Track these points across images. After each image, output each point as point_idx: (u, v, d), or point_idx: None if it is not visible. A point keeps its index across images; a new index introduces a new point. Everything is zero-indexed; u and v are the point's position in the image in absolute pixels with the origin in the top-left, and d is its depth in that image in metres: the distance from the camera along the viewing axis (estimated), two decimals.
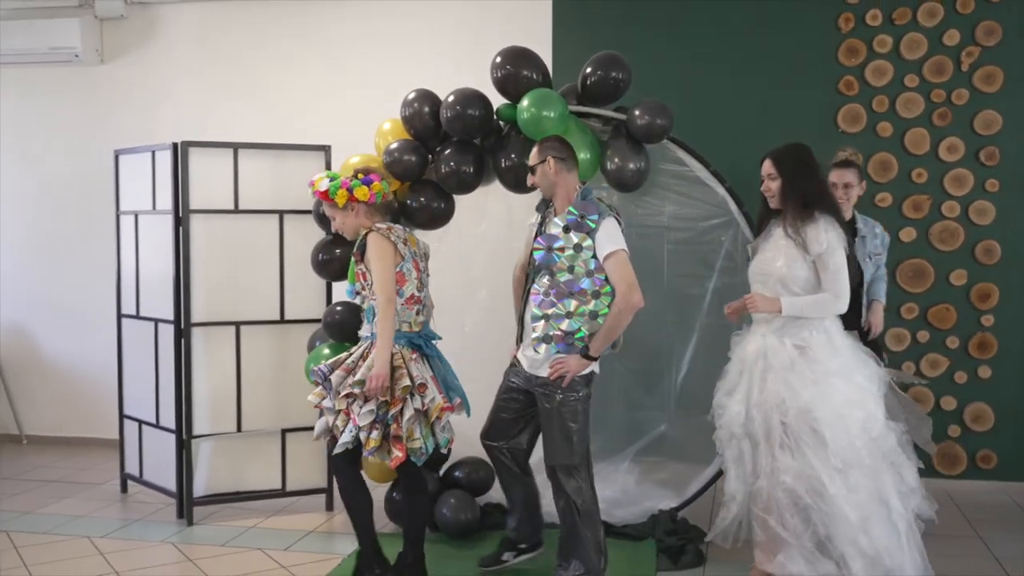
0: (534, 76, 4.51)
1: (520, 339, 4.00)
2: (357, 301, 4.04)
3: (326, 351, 4.49)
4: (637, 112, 4.41)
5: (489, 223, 5.14)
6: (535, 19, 5.85)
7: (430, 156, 4.64)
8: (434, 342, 4.01)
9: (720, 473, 4.61)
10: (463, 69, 5.13)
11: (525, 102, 4.36)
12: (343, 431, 3.77)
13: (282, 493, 5.23)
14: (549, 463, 3.88)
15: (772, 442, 3.73)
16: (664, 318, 4.96)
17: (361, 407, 3.72)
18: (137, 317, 5.43)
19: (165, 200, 5.09)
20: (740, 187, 4.58)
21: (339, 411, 3.80)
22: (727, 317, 3.99)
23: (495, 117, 4.57)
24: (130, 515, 5.17)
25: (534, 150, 3.97)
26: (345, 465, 3.92)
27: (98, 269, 6.47)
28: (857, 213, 4.62)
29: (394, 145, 4.59)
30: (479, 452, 4.27)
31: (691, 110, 5.30)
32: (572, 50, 5.59)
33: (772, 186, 3.88)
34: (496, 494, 4.69)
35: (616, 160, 4.44)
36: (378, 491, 4.88)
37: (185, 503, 5.02)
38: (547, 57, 5.63)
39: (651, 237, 5.00)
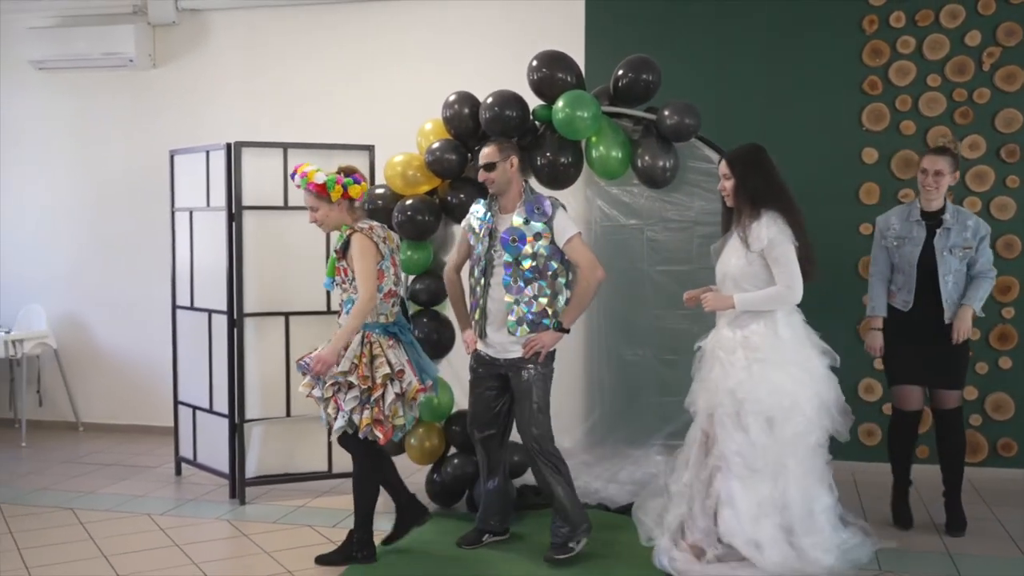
0: (568, 78, 4.74)
1: (482, 331, 4.30)
2: (336, 293, 4.31)
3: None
4: (666, 112, 4.63)
5: None
6: (568, 23, 6.09)
7: (469, 155, 4.88)
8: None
9: None
10: (500, 71, 5.35)
11: (560, 103, 4.59)
12: (335, 417, 4.09)
13: (328, 475, 5.51)
14: (526, 433, 4.24)
15: (713, 424, 4.01)
16: (689, 309, 5.16)
17: (346, 394, 4.06)
18: (191, 308, 5.73)
19: (219, 197, 5.38)
20: None
21: (328, 399, 4.11)
22: (685, 303, 4.29)
23: (531, 117, 4.79)
24: (185, 495, 5.47)
25: (492, 149, 4.29)
26: (365, 450, 4.23)
27: (151, 264, 6.80)
28: (950, 204, 4.57)
29: (436, 144, 4.84)
30: (515, 437, 4.52)
31: (719, 109, 5.54)
32: (604, 52, 5.83)
33: (727, 185, 4.12)
34: (531, 476, 4.93)
35: (647, 158, 4.66)
36: (417, 475, 5.16)
37: (238, 484, 5.31)
38: (579, 59, 5.84)
39: (680, 231, 5.22)
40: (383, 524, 4.52)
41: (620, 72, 4.77)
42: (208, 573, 4.21)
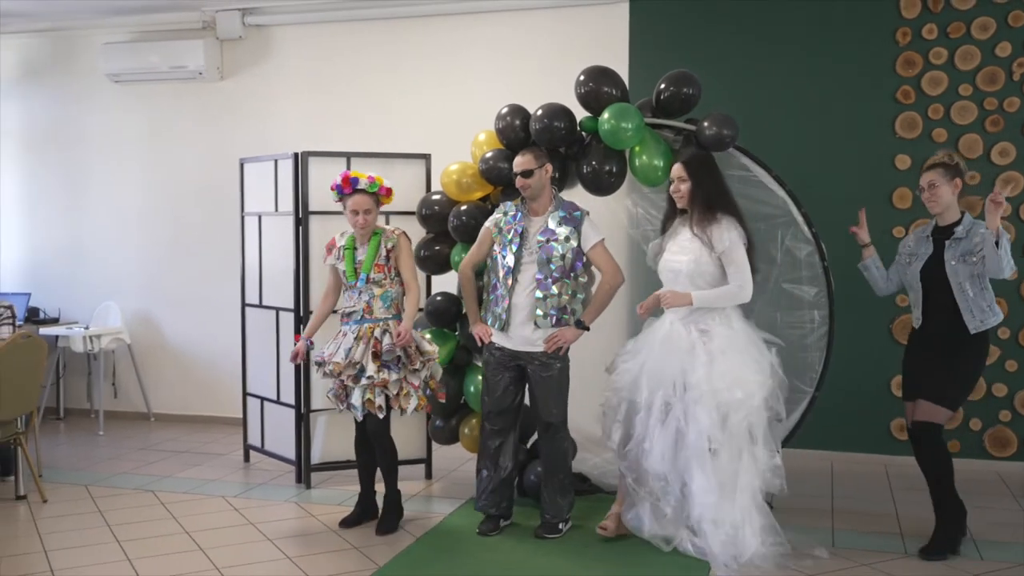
0: (614, 92, 5.06)
1: (505, 325, 4.64)
2: (362, 291, 4.74)
3: (427, 335, 5.10)
4: (706, 123, 4.92)
5: None
6: (614, 38, 6.42)
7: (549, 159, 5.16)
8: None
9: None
10: (549, 84, 5.69)
11: (606, 115, 4.91)
12: (411, 397, 4.68)
13: None
14: (547, 420, 4.64)
15: (652, 414, 4.33)
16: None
17: (416, 375, 4.72)
18: (260, 306, 6.13)
19: (286, 202, 5.78)
20: (799, 190, 5.04)
21: (398, 380, 4.67)
22: (639, 316, 4.59)
23: (578, 128, 5.12)
24: (254, 480, 5.88)
25: (529, 157, 4.65)
26: (385, 429, 4.79)
27: (218, 264, 7.26)
28: (967, 217, 4.47)
29: (489, 154, 5.17)
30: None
31: (758, 119, 5.83)
32: (647, 65, 6.14)
33: (682, 188, 4.44)
34: (576, 464, 5.24)
35: None
36: (469, 464, 5.50)
37: (304, 469, 5.70)
38: (624, 71, 6.18)
39: None
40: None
41: (662, 86, 5.08)
42: (281, 548, 4.59)
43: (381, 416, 4.71)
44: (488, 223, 4.85)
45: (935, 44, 5.96)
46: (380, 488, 4.98)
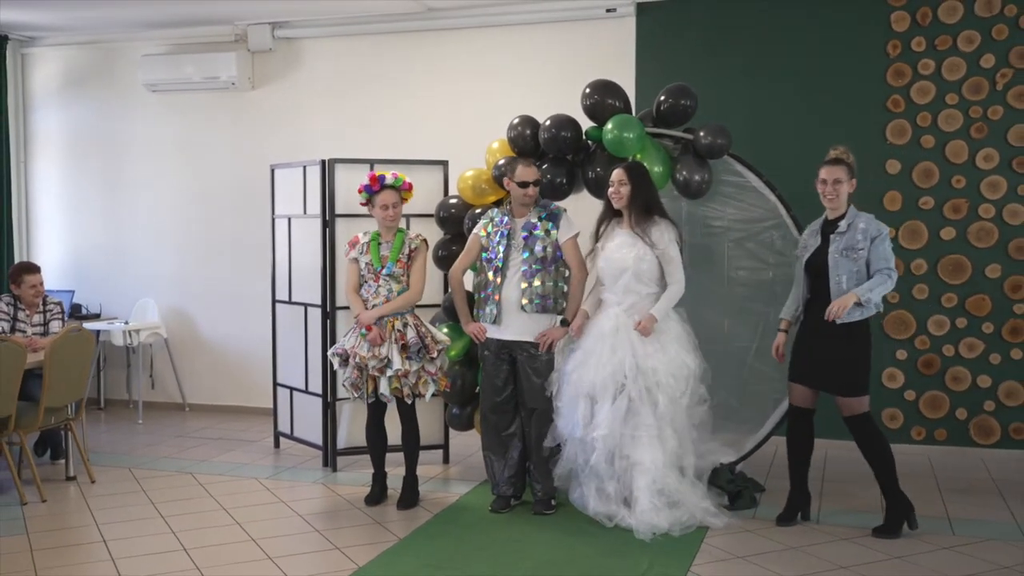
0: (617, 103, 5.45)
1: (497, 318, 5.06)
2: (386, 283, 5.16)
3: (445, 330, 5.51)
4: (702, 133, 5.30)
5: None
6: (621, 50, 6.80)
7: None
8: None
9: (770, 435, 5.52)
10: (561, 94, 6.10)
11: (609, 125, 5.28)
12: (429, 384, 5.13)
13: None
14: (533, 406, 5.07)
15: (604, 399, 4.75)
16: (724, 305, 5.86)
17: (432, 363, 5.15)
18: (289, 303, 6.56)
19: (314, 206, 6.20)
20: (796, 194, 5.39)
21: (418, 369, 5.11)
22: (573, 336, 5.00)
23: (584, 137, 5.51)
24: (284, 463, 6.31)
25: (533, 168, 5.12)
26: (414, 413, 5.29)
27: (249, 263, 7.69)
28: (852, 210, 4.70)
29: (502, 161, 5.54)
30: None
31: (756, 127, 6.22)
32: (653, 75, 6.52)
33: (622, 190, 4.87)
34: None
35: (684, 173, 5.32)
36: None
37: (330, 454, 6.13)
38: (630, 81, 6.57)
39: (714, 236, 5.88)
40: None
41: (662, 98, 5.46)
42: (311, 523, 5.03)
43: (409, 402, 5.18)
44: (476, 230, 5.28)
45: (923, 56, 6.29)
46: (391, 471, 5.47)
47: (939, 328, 6.31)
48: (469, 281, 5.47)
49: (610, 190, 4.95)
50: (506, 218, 5.17)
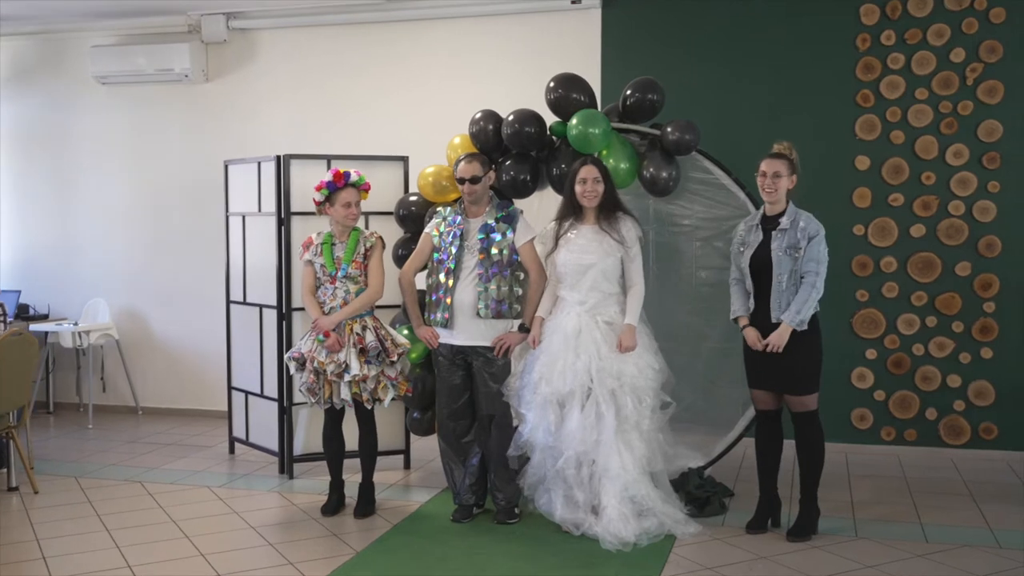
0: (582, 98, 5.28)
1: (449, 322, 4.88)
2: (344, 284, 4.98)
3: (405, 332, 5.32)
4: (669, 129, 5.15)
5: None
6: (586, 42, 6.65)
7: (493, 166, 5.42)
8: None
9: (740, 438, 5.39)
10: (523, 88, 5.94)
11: (574, 120, 5.12)
12: (389, 389, 4.95)
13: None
14: (491, 412, 4.91)
15: (573, 405, 4.63)
16: (692, 304, 5.71)
17: (392, 367, 4.99)
18: (244, 303, 6.35)
19: (269, 203, 5.98)
20: (758, 193, 5.25)
21: (376, 375, 4.92)
22: (531, 346, 4.84)
23: (548, 133, 5.34)
24: (239, 470, 6.09)
25: (475, 164, 4.92)
26: (373, 418, 5.15)
27: (203, 262, 7.46)
28: (791, 207, 4.63)
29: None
30: None
31: (725, 121, 6.09)
32: (619, 69, 6.38)
33: (598, 188, 4.74)
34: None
35: (651, 169, 5.18)
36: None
37: (286, 460, 5.92)
38: (596, 75, 6.41)
39: (682, 235, 5.73)
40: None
41: (628, 92, 5.30)
42: (264, 535, 4.82)
43: (369, 407, 5.01)
44: (427, 228, 5.09)
45: (893, 50, 6.20)
46: (349, 479, 5.27)
47: (909, 327, 6.22)
48: (422, 282, 5.26)
49: (580, 188, 4.77)
50: (459, 217, 4.99)
